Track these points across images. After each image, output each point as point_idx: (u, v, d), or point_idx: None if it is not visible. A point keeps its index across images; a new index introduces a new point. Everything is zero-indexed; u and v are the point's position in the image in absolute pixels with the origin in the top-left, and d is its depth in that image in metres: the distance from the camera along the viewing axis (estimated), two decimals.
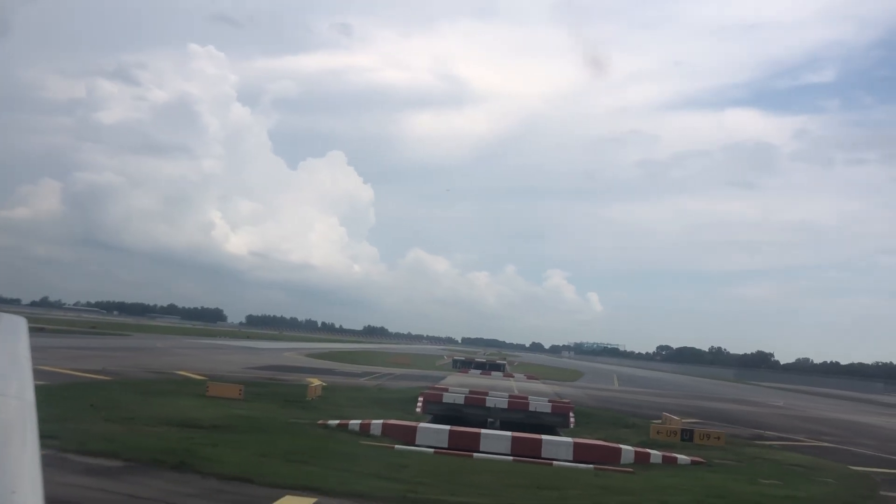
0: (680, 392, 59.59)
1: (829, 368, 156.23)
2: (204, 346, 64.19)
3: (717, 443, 23.90)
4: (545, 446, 20.70)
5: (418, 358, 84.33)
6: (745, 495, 15.04)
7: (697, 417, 34.07)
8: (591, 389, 50.91)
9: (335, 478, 12.51)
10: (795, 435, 29.92)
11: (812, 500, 15.56)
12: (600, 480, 15.58)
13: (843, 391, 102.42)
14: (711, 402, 49.13)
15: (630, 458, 20.24)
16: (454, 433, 20.89)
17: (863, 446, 27.81)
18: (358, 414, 23.68)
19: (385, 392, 32.23)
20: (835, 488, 17.44)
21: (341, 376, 40.06)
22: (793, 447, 25.44)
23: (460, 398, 30.65)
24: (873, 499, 16.66)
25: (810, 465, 21.09)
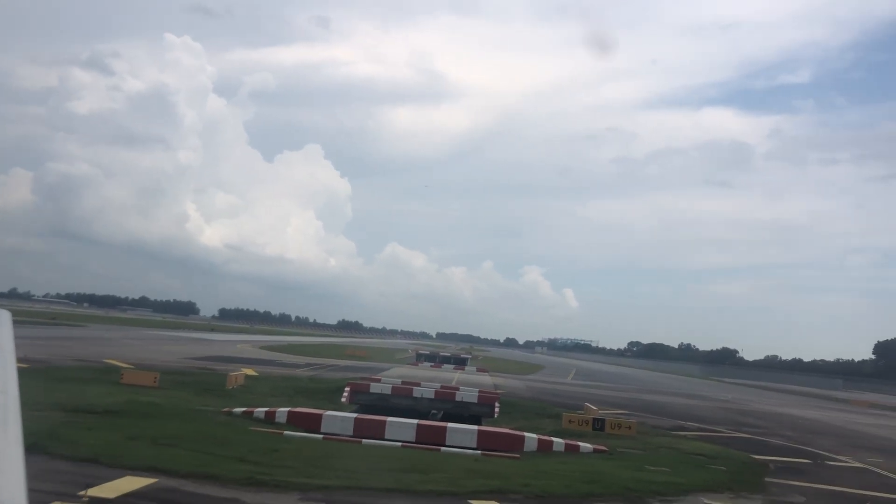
0: (629, 386, 60.15)
1: (793, 365, 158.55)
2: (156, 338, 63.63)
3: (628, 432, 24.23)
4: (450, 434, 20.90)
5: (380, 351, 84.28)
6: (621, 480, 15.24)
7: (628, 409, 34.42)
8: (539, 382, 51.24)
9: (194, 460, 12.51)
10: (718, 426, 30.37)
11: (691, 485, 15.80)
12: (477, 465, 15.72)
13: (802, 387, 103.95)
14: (655, 395, 49.70)
15: (533, 445, 20.52)
16: (359, 421, 20.99)
17: (781, 437, 28.30)
18: (273, 403, 23.68)
19: (316, 382, 32.20)
20: (723, 475, 17.72)
21: (280, 367, 39.96)
22: (707, 437, 25.82)
23: (387, 388, 30.82)
24: (756, 484, 16.97)
25: (713, 453, 21.42)
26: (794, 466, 20.94)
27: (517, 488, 13.22)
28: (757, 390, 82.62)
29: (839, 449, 26.06)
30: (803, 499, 15.94)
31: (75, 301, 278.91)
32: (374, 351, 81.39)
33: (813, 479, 18.63)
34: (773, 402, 57.30)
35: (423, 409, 29.75)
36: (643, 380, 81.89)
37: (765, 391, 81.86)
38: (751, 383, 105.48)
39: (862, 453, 25.37)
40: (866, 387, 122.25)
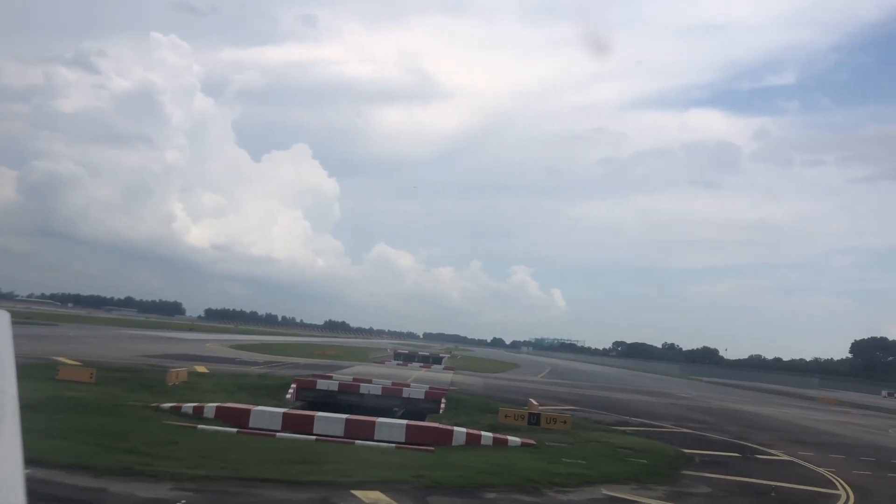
0: (595, 384, 60.50)
1: (772, 365, 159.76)
2: (126, 336, 63.39)
3: (563, 427, 24.41)
4: (379, 428, 21.01)
5: (354, 351, 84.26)
6: (525, 472, 15.38)
7: (580, 405, 34.69)
8: (502, 381, 51.44)
9: (78, 451, 12.53)
10: (664, 422, 30.60)
11: (598, 477, 15.95)
12: (383, 457, 15.85)
13: (778, 386, 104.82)
14: (616, 392, 50.04)
15: (462, 439, 20.66)
16: (288, 416, 21.05)
17: (724, 433, 28.54)
18: (212, 399, 23.59)
19: (265, 379, 32.19)
20: (639, 468, 17.92)
21: (236, 365, 39.93)
22: (646, 433, 26.03)
23: (334, 385, 30.87)
24: (668, 476, 17.17)
25: (641, 447, 21.63)
26: (720, 460, 21.18)
27: (408, 479, 13.32)
28: (729, 388, 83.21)
29: (776, 443, 26.35)
30: (708, 489, 16.14)
31: (60, 301, 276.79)
32: (349, 350, 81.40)
33: (731, 471, 18.87)
34: (737, 399, 57.78)
35: (369, 405, 29.83)
36: (615, 378, 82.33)
37: (736, 389, 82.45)
38: (726, 382, 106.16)
39: (797, 447, 25.67)
40: (842, 385, 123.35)
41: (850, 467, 21.74)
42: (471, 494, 12.92)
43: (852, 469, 21.35)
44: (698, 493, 15.42)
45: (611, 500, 13.92)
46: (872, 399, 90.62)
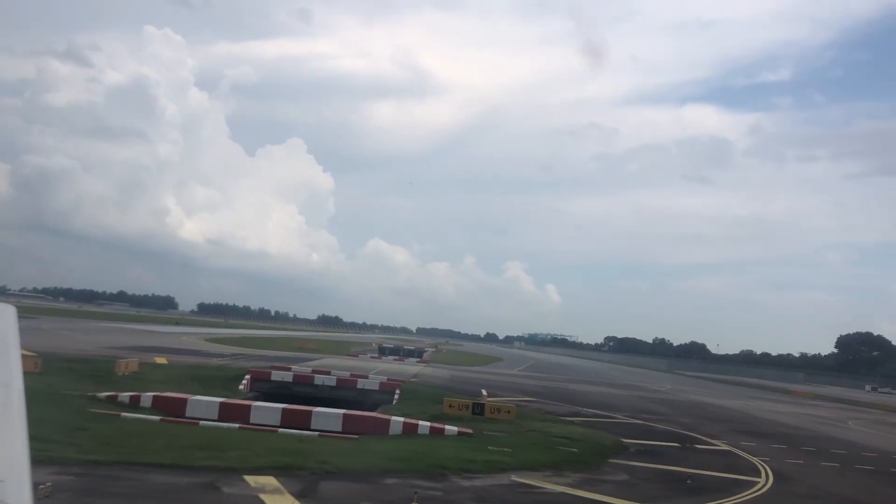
0: (565, 377, 60.78)
1: (760, 360, 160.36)
2: (100, 329, 63.39)
3: (507, 416, 24.54)
4: (315, 418, 21.12)
5: (337, 345, 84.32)
6: (439, 459, 15.46)
7: (540, 396, 34.84)
8: (472, 374, 51.60)
9: None
10: (618, 413, 30.75)
11: (514, 464, 16.08)
12: (297, 444, 15.93)
13: (761, 380, 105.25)
14: (585, 385, 50.32)
15: (399, 428, 20.77)
16: (224, 406, 21.12)
17: (675, 424, 28.65)
18: (158, 389, 23.64)
19: (221, 371, 32.20)
20: (565, 455, 18.05)
21: (201, 357, 39.97)
22: (593, 423, 26.14)
23: (289, 377, 30.95)
24: (593, 464, 17.33)
25: (579, 436, 21.77)
26: (656, 449, 21.32)
27: (310, 465, 13.40)
28: (709, 383, 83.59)
29: (723, 434, 26.50)
30: (625, 477, 16.27)
31: (52, 296, 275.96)
32: (331, 344, 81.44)
33: (659, 460, 18.99)
34: (711, 393, 58.03)
35: (324, 396, 29.91)
36: (595, 372, 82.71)
37: (716, 384, 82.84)
38: (710, 376, 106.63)
39: (743, 437, 25.84)
40: (826, 380, 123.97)
41: (787, 457, 21.94)
42: (368, 480, 13.01)
43: (787, 458, 21.54)
44: (612, 480, 15.53)
45: (516, 485, 14.02)
46: (854, 393, 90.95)
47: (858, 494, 16.69)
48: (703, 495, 14.77)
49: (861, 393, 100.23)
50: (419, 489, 12.61)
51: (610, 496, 13.59)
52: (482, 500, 12.46)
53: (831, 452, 24.10)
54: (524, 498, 13.00)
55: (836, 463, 21.51)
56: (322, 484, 12.33)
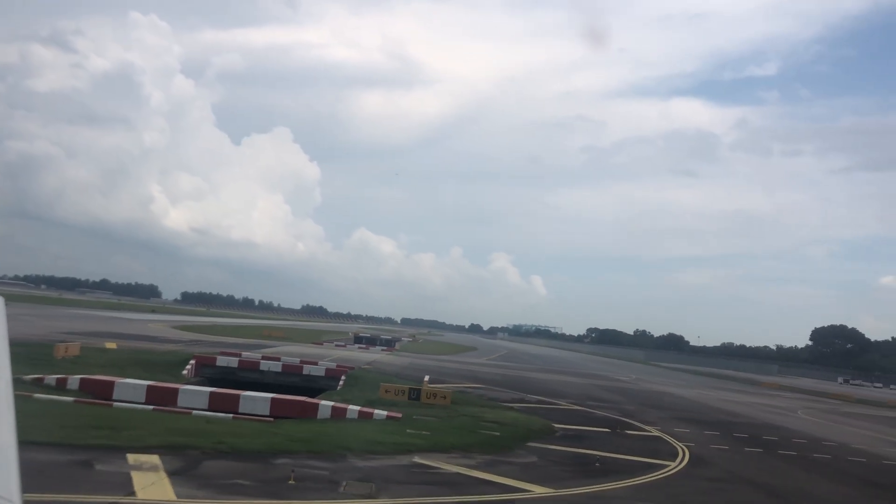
0: (529, 367, 61.14)
1: (737, 352, 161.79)
2: (60, 315, 62.91)
3: (443, 402, 24.62)
4: (243, 402, 21.13)
5: (311, 333, 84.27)
6: (349, 440, 15.52)
7: (490, 384, 34.98)
8: (436, 362, 51.77)
9: None
10: (562, 400, 30.91)
11: (424, 446, 16.13)
12: (205, 426, 15.90)
13: (735, 372, 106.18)
14: (543, 374, 50.77)
15: (327, 413, 20.85)
16: (151, 389, 21.07)
17: (615, 411, 28.84)
18: (97, 373, 23.53)
19: (168, 356, 32.08)
20: (485, 438, 18.17)
21: (155, 342, 39.81)
22: (532, 409, 26.27)
23: (234, 362, 30.92)
24: (508, 447, 17.43)
25: (510, 421, 21.91)
26: (583, 434, 21.50)
27: (203, 445, 13.38)
28: (678, 373, 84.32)
29: (661, 421, 26.66)
30: (534, 459, 16.40)
31: (33, 283, 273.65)
32: (303, 333, 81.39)
33: (580, 444, 19.13)
34: (674, 383, 58.61)
35: (269, 382, 29.92)
36: (563, 361, 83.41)
37: (686, 374, 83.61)
38: (684, 367, 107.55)
39: (679, 424, 26.08)
40: (801, 372, 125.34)
41: (715, 442, 22.15)
42: (257, 460, 13.01)
43: (714, 444, 21.75)
44: (517, 462, 15.62)
45: (414, 465, 14.09)
46: (823, 385, 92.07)
47: (762, 476, 16.88)
48: (606, 476, 14.90)
49: (831, 384, 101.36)
50: (310, 468, 12.69)
51: (504, 476, 13.65)
52: (368, 478, 12.50)
53: (762, 439, 24.36)
54: (414, 477, 13.05)
55: (761, 448, 21.75)
56: (206, 463, 12.32)
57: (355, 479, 12.30)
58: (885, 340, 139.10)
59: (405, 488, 12.10)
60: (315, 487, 11.43)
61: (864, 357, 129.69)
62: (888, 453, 23.76)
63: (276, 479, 11.65)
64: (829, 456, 21.68)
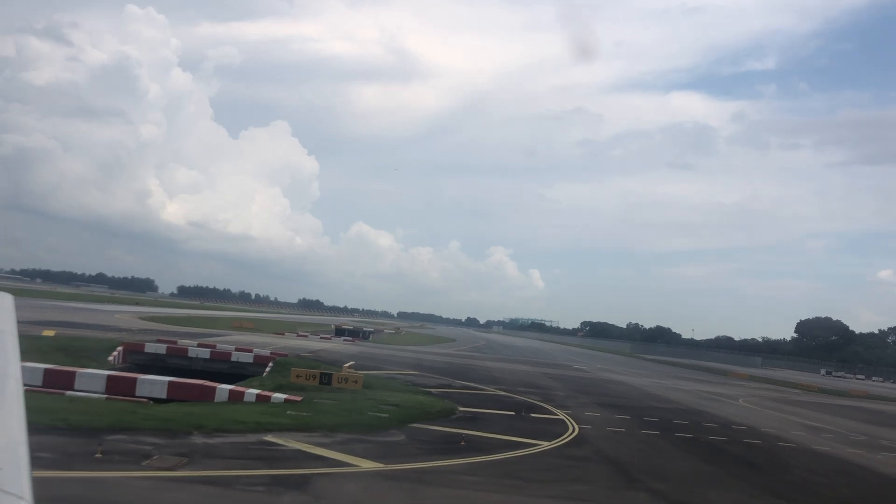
0: (492, 356, 61.42)
1: (724, 344, 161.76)
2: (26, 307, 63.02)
3: (354, 386, 24.82)
4: (140, 385, 21.40)
5: (285, 325, 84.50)
6: (208, 419, 15.67)
7: (432, 372, 35.14)
8: (395, 351, 52.06)
9: None
10: (490, 386, 30.97)
11: (302, 425, 16.46)
12: (70, 405, 16.12)
13: (714, 363, 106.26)
14: (496, 362, 51.13)
15: (224, 396, 21.14)
16: (49, 372, 21.22)
17: (538, 396, 28.89)
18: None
19: (100, 343, 32.17)
20: (370, 419, 18.39)
21: (98, 330, 39.94)
22: (448, 394, 26.39)
23: (162, 349, 31.10)
24: (382, 428, 17.55)
25: (412, 404, 22.17)
26: (481, 416, 21.58)
27: (42, 422, 13.54)
28: (652, 364, 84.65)
29: (577, 406, 26.69)
30: (401, 437, 16.58)
31: (29, 277, 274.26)
32: (274, 324, 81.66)
33: (468, 425, 19.16)
34: (631, 372, 59.21)
35: (197, 368, 30.14)
36: (538, 352, 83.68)
37: (659, 365, 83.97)
38: (663, 359, 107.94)
39: (594, 409, 26.26)
40: (786, 364, 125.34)
41: (614, 425, 22.29)
42: (89, 435, 13.10)
43: (611, 426, 21.87)
44: (376, 441, 15.75)
45: (259, 442, 14.23)
46: (803, 376, 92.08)
47: (628, 456, 17.00)
48: (460, 454, 15.06)
49: (814, 376, 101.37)
50: (136, 444, 12.85)
51: (344, 453, 13.76)
52: (196, 453, 12.63)
53: (672, 422, 24.42)
54: (242, 453, 13.12)
55: (658, 431, 21.85)
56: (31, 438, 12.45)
57: (175, 454, 12.44)
58: (870, 333, 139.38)
59: (221, 462, 12.23)
60: (121, 461, 11.55)
61: (848, 349, 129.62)
62: (792, 436, 23.87)
63: (84, 453, 11.76)
64: (725, 438, 21.79)
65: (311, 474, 11.94)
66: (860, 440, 25.15)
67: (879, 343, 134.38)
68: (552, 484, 13.18)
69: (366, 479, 12.06)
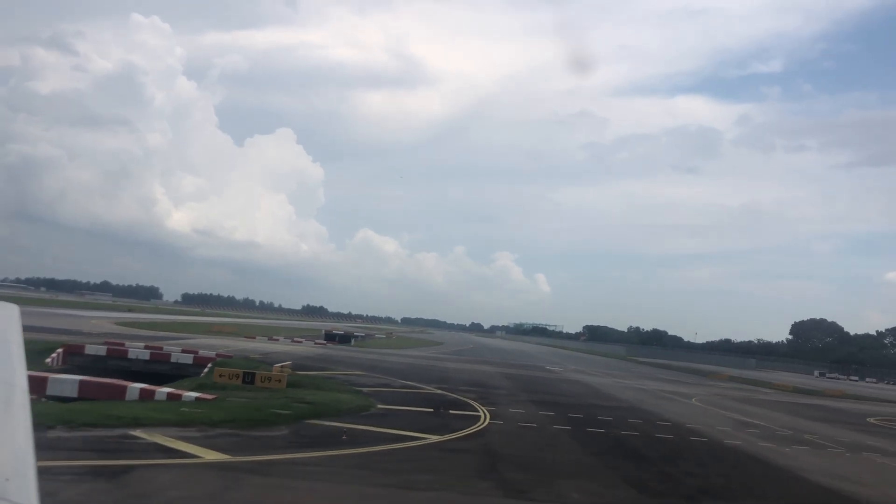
0: (465, 359, 61.35)
1: (720, 346, 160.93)
2: None
3: (277, 385, 24.80)
4: (51, 384, 21.46)
5: (267, 329, 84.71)
6: (81, 415, 15.66)
7: (383, 373, 35.09)
8: (363, 354, 52.04)
9: None
10: (432, 385, 30.89)
11: (184, 420, 16.42)
12: None
13: (703, 365, 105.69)
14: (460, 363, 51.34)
15: (135, 394, 21.16)
16: None
17: (474, 395, 28.83)
18: None
19: (41, 345, 32.24)
20: (266, 416, 18.32)
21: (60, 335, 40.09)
22: (377, 393, 26.29)
23: (102, 350, 31.22)
24: (271, 423, 17.55)
25: (329, 402, 22.14)
26: (395, 413, 21.64)
27: None
28: (635, 366, 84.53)
29: (510, 404, 26.63)
30: (284, 432, 16.59)
31: (34, 285, 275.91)
32: (261, 329, 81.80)
33: (372, 421, 19.12)
34: (602, 373, 59.68)
35: (137, 370, 30.20)
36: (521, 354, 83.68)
37: (641, 366, 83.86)
38: (652, 361, 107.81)
39: (524, 406, 26.23)
40: (781, 366, 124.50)
41: (532, 420, 22.22)
42: None
43: (526, 422, 21.79)
44: (250, 436, 15.69)
45: (119, 436, 14.21)
46: (789, 377, 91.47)
47: (519, 450, 16.99)
48: (332, 447, 15.09)
49: (806, 377, 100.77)
50: None
51: (199, 446, 13.74)
52: (39, 447, 12.60)
53: (597, 419, 24.30)
54: (96, 446, 13.08)
55: (570, 427, 21.75)
56: None
57: None
58: (865, 334, 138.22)
59: (56, 454, 12.23)
60: None
61: (841, 350, 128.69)
62: (713, 432, 23.73)
63: None
64: (639, 433, 21.65)
65: (138, 465, 11.93)
66: (784, 435, 24.92)
67: (875, 344, 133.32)
68: (398, 474, 13.10)
69: (192, 469, 12.03)
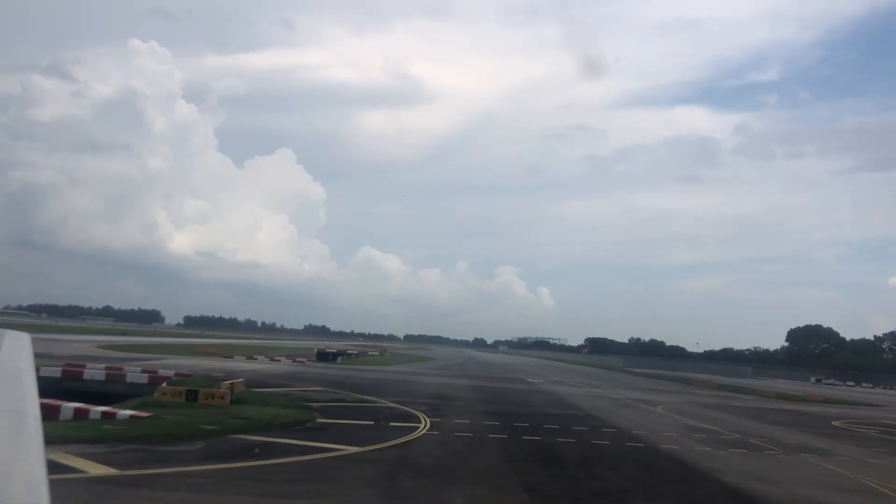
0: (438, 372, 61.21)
1: (717, 355, 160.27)
2: None
3: (221, 402, 24.71)
4: None
5: (256, 349, 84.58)
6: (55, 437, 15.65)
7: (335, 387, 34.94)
8: (337, 371, 51.96)
9: None
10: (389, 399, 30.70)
11: (117, 437, 16.47)
12: None
13: (698, 374, 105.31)
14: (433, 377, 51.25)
15: (69, 414, 21.09)
16: None
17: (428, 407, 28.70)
18: None
19: None
20: (191, 432, 18.28)
21: None
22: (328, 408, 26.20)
23: (57, 372, 31.18)
24: (190, 439, 17.46)
25: (265, 417, 21.89)
26: (332, 426, 21.44)
27: None
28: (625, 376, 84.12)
29: (462, 415, 26.46)
30: (200, 446, 16.55)
31: (36, 312, 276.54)
32: (241, 348, 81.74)
33: (304, 436, 18.86)
34: (578, 383, 59.60)
35: (92, 390, 30.14)
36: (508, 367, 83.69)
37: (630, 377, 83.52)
38: (645, 371, 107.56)
39: (471, 417, 26.10)
40: (778, 373, 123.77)
41: (471, 431, 22.07)
42: None
43: (463, 432, 21.67)
44: (157, 450, 15.63)
45: None
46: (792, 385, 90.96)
47: (428, 460, 16.76)
48: (235, 460, 15.03)
49: (802, 384, 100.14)
50: None
51: (92, 461, 13.70)
52: None
53: (542, 427, 24.20)
54: None
55: (506, 435, 21.64)
56: None
57: None
58: (861, 339, 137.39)
59: None
60: None
61: (838, 356, 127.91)
62: (656, 438, 23.52)
63: None
64: (574, 440, 21.53)
65: None
66: (728, 439, 24.74)
67: (872, 349, 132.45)
68: (284, 484, 13.04)
69: (67, 484, 11.97)
